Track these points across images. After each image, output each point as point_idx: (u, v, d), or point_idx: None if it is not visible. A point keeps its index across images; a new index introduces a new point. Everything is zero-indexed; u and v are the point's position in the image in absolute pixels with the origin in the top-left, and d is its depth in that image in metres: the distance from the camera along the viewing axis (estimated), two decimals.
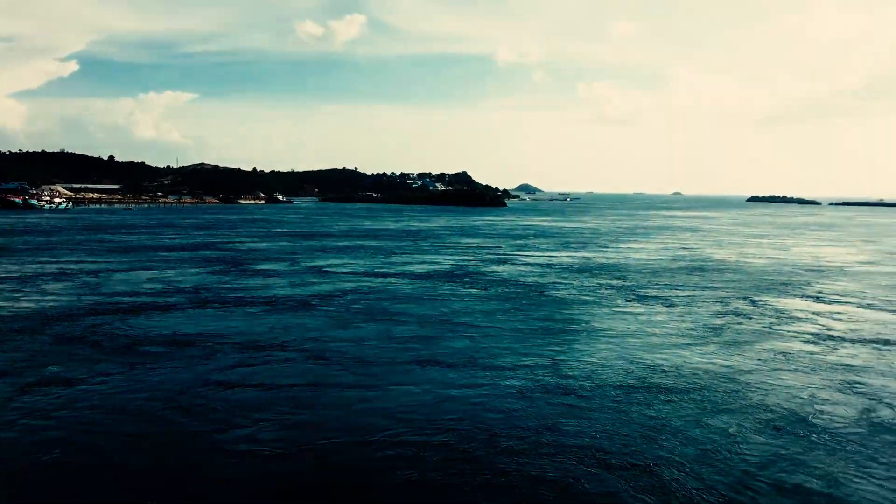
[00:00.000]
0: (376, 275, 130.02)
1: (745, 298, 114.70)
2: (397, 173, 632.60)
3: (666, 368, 69.94)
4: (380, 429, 50.47)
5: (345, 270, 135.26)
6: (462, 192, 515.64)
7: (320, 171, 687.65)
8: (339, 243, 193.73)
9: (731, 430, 52.69)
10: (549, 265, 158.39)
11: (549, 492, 42.51)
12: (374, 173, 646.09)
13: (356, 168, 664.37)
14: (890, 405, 58.70)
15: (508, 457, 47.60)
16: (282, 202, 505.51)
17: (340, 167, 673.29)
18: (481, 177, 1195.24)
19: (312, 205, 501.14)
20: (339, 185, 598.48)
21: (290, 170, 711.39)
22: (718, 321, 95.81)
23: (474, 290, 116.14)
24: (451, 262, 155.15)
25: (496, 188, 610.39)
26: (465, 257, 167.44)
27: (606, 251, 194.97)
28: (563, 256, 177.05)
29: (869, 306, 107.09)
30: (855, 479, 43.69)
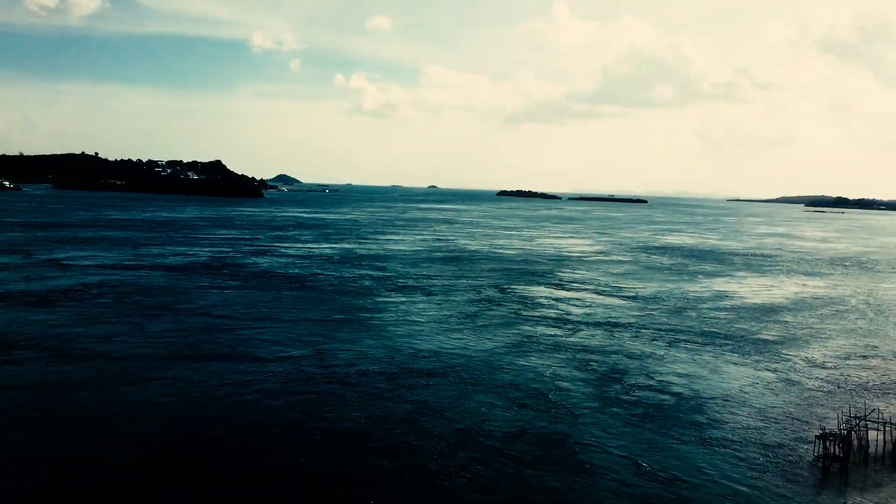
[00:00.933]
0: (126, 267, 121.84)
1: (496, 287, 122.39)
2: (144, 160, 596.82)
3: (425, 354, 73.25)
4: (136, 429, 48.24)
5: (89, 263, 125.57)
6: (216, 182, 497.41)
7: (56, 157, 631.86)
8: (81, 234, 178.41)
9: (483, 410, 56.55)
10: (310, 256, 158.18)
11: (313, 478, 43.26)
12: (119, 160, 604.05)
13: (97, 154, 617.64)
14: (619, 380, 65.52)
15: (273, 446, 47.72)
16: (8, 188, 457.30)
17: (79, 152, 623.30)
18: (237, 166, 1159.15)
19: (46, 192, 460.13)
20: (78, 171, 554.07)
21: (18, 153, 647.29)
22: (473, 308, 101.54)
23: (234, 283, 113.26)
24: (208, 254, 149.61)
25: (253, 178, 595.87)
26: (223, 249, 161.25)
27: (366, 242, 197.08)
28: (324, 247, 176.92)
29: (602, 293, 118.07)
30: (590, 449, 48.60)
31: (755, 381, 66.12)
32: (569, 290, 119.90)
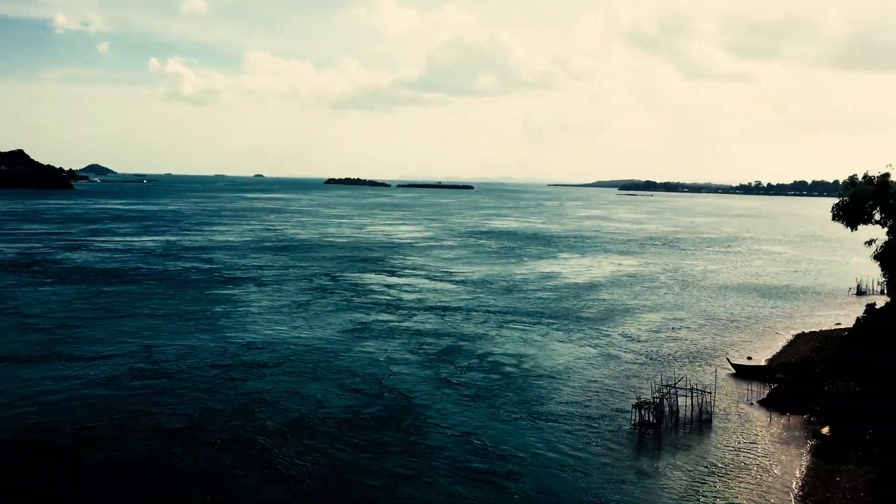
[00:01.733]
0: None
1: (328, 275, 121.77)
2: None
3: (259, 345, 71.91)
4: None
5: None
6: (19, 173, 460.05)
7: None
8: None
9: (318, 397, 56.45)
10: (129, 250, 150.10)
11: (142, 475, 41.61)
12: None
13: None
14: (451, 362, 67.27)
15: (98, 446, 45.40)
16: None
17: None
18: (43, 157, 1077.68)
19: None
20: None
21: None
22: (305, 297, 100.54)
23: (47, 280, 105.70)
24: (15, 251, 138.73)
25: (60, 169, 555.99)
26: (32, 244, 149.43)
27: (191, 234, 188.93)
28: (146, 240, 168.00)
29: (433, 278, 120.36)
30: (425, 430, 49.79)
31: (578, 357, 70.07)
32: (401, 276, 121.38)
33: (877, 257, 28.69)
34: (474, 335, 78.20)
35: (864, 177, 31.47)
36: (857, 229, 30.75)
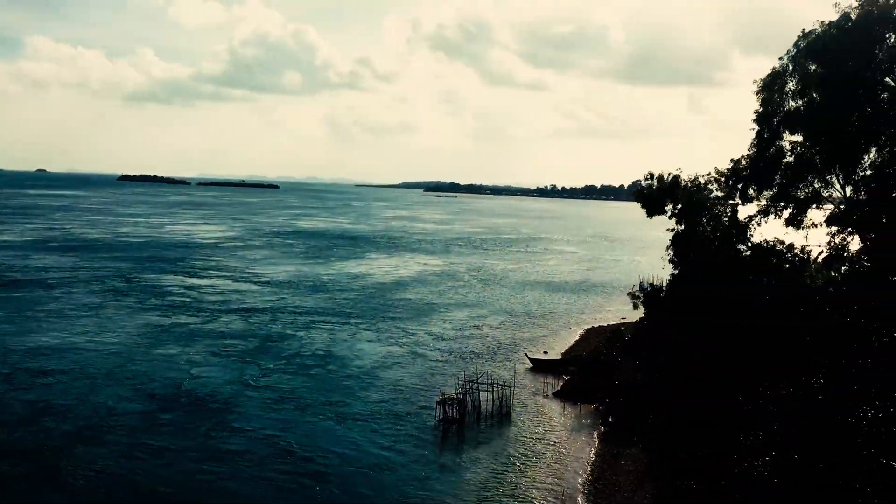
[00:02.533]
0: None
1: (122, 277, 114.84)
2: None
3: (45, 351, 66.67)
4: None
5: None
6: None
7: None
8: None
9: (111, 404, 53.30)
10: None
11: None
12: None
13: None
14: (257, 364, 65.93)
15: None
16: None
17: None
18: None
19: None
20: None
21: None
22: (97, 300, 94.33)
23: None
24: None
25: None
26: None
27: None
28: None
29: (238, 279, 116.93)
30: (227, 434, 48.58)
31: (385, 356, 70.92)
32: (204, 277, 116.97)
33: (672, 240, 32.12)
34: (280, 336, 77.00)
35: (659, 177, 34.82)
36: (652, 217, 34.34)
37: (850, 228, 27.25)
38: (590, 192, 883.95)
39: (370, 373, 64.81)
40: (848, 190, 27.82)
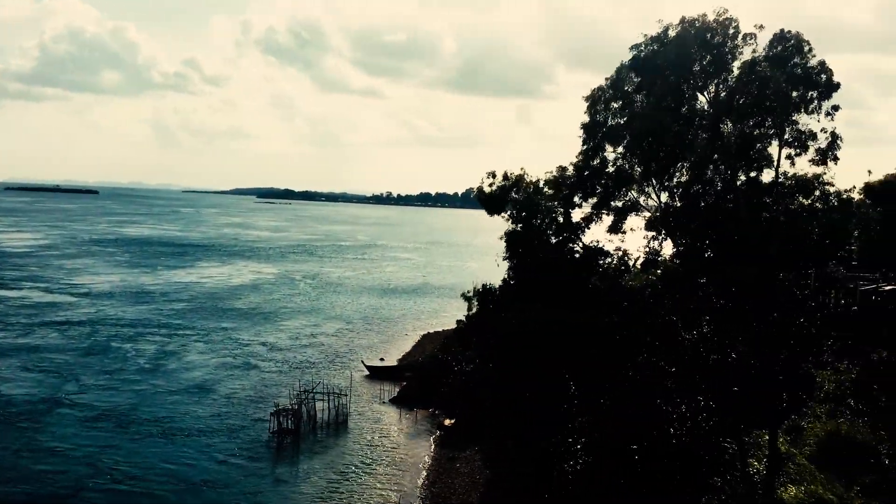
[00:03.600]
0: None
1: None
2: None
3: None
4: None
5: None
6: None
7: None
8: None
9: None
10: None
11: None
12: None
13: None
14: (73, 380, 62.00)
15: None
16: None
17: None
18: None
19: None
20: None
21: None
22: None
23: None
24: None
25: None
26: None
27: None
28: None
29: (53, 290, 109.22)
30: (41, 455, 45.32)
31: (217, 368, 68.51)
32: (15, 288, 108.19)
33: (507, 237, 33.17)
34: (102, 349, 72.58)
35: (504, 175, 35.77)
36: (493, 216, 35.24)
37: (664, 233, 29.13)
38: (425, 200, 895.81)
39: (200, 386, 62.38)
40: (664, 196, 29.73)
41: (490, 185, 36.56)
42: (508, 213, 35.79)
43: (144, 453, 46.56)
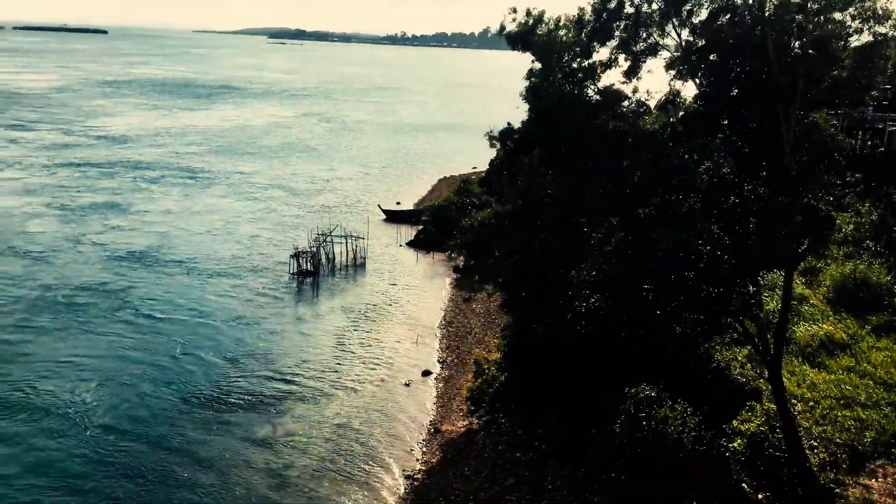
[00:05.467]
0: None
1: None
2: None
3: None
4: None
5: None
6: None
7: None
8: None
9: None
10: None
11: None
12: None
13: None
14: (96, 221, 62.82)
15: None
16: None
17: None
18: None
19: None
20: None
21: None
22: None
23: None
24: None
25: None
26: None
27: None
28: None
29: (70, 132, 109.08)
30: (55, 288, 46.61)
31: (240, 213, 69.12)
32: (31, 130, 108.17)
33: (527, 77, 32.36)
34: (123, 191, 73.37)
35: (527, 13, 34.44)
36: (515, 52, 34.07)
37: (685, 72, 28.07)
38: (441, 40, 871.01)
39: (221, 228, 63.25)
40: (685, 33, 28.37)
41: (513, 20, 35.22)
42: (530, 51, 34.63)
43: (169, 290, 47.83)
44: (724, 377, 24.11)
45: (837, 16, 23.96)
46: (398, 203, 75.50)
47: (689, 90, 28.23)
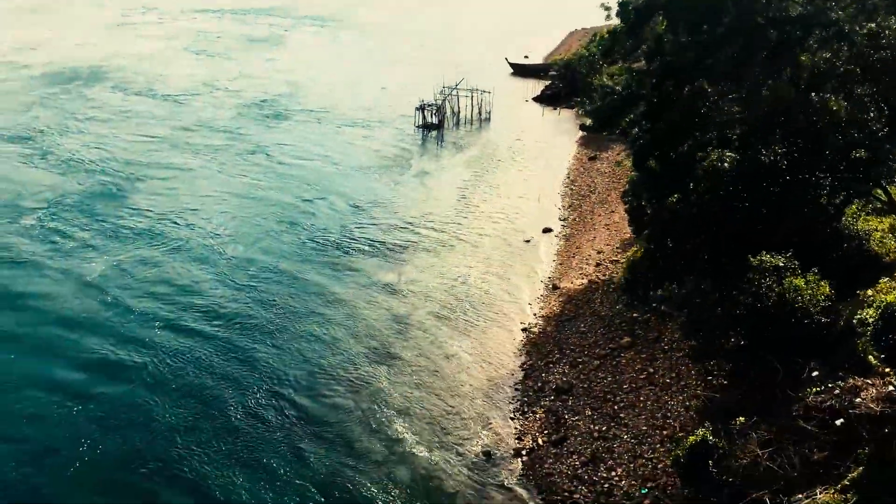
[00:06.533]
0: None
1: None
2: None
3: None
4: None
5: None
6: None
7: None
8: None
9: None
10: None
11: None
12: None
13: None
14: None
15: None
16: None
17: None
18: None
19: None
20: None
21: None
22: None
23: None
24: None
25: None
26: None
27: None
28: None
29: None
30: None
31: (368, 62, 69.37)
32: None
33: None
34: (255, 38, 74.65)
35: None
36: None
37: None
38: None
39: (351, 80, 63.84)
40: None
41: None
42: None
43: (300, 138, 49.30)
44: (862, 248, 22.95)
45: None
46: (526, 56, 73.49)
47: None
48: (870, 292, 21.05)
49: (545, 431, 22.10)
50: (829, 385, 17.05)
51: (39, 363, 24.42)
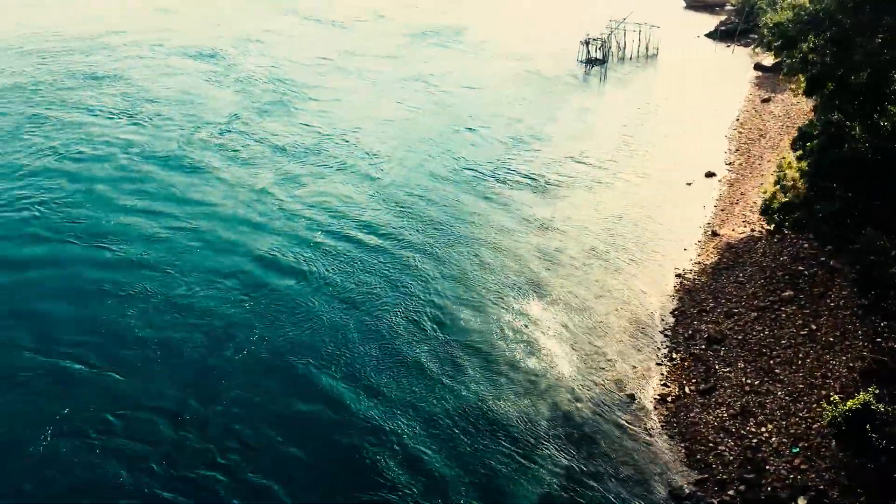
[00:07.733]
0: None
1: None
2: None
3: None
4: None
5: None
6: None
7: None
8: None
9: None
10: None
11: None
12: None
13: None
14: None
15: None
16: None
17: None
18: None
19: None
20: None
21: None
22: None
23: None
24: None
25: None
26: None
27: None
28: None
29: None
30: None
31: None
32: None
33: None
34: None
35: None
36: None
37: None
38: None
39: (512, 14, 62.84)
40: None
41: None
42: None
43: (459, 65, 49.26)
44: None
45: None
46: None
47: None
48: None
49: (693, 380, 21.52)
50: None
51: (220, 256, 26.19)
